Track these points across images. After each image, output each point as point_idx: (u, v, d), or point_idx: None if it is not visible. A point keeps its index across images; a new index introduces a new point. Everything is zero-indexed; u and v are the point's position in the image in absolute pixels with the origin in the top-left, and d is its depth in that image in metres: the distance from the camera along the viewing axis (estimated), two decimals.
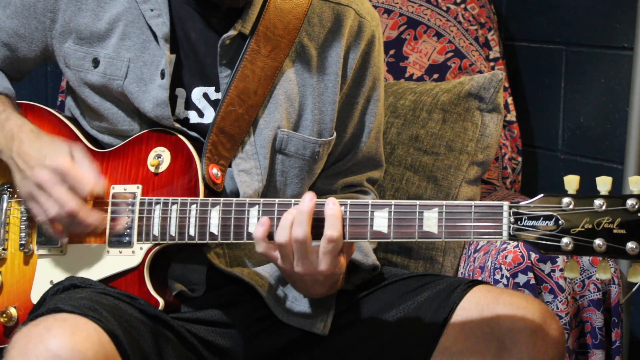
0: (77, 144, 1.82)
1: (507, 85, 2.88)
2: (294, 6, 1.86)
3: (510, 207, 1.57)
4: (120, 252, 1.77)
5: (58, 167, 1.72)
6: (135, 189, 1.78)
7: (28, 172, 1.75)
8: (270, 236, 1.66)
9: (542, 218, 1.55)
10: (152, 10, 1.83)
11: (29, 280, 1.82)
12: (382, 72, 1.98)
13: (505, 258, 2.13)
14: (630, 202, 1.51)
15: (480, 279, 2.13)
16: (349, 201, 1.65)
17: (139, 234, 1.76)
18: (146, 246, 1.76)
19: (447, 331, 1.77)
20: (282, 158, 1.86)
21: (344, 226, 1.64)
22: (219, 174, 1.79)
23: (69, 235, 1.78)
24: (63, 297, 1.67)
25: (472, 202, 1.59)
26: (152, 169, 1.79)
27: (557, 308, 2.12)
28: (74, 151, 1.76)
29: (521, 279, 2.11)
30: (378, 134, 1.98)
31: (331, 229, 1.61)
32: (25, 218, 1.84)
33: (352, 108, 1.93)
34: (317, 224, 1.64)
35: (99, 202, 1.79)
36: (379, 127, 1.98)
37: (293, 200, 1.68)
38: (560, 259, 2.12)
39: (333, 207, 1.62)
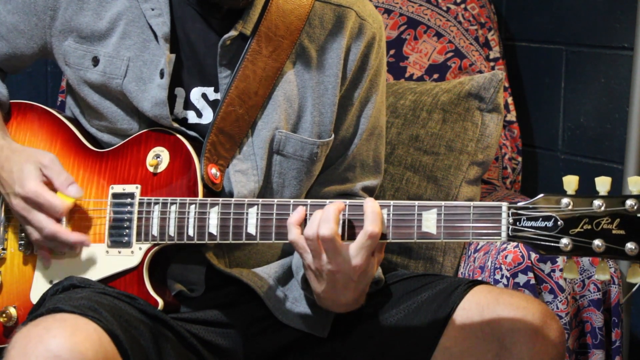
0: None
1: (507, 85, 2.88)
2: (296, 7, 1.86)
3: (509, 208, 1.57)
4: (120, 252, 1.77)
5: (28, 195, 1.74)
6: (134, 189, 1.78)
7: (7, 199, 1.79)
8: None
9: (541, 219, 1.55)
10: (152, 9, 1.83)
11: (29, 280, 1.82)
12: (383, 76, 1.96)
13: (505, 258, 2.13)
14: (629, 202, 1.50)
15: (480, 279, 2.13)
16: (348, 201, 1.65)
17: (138, 234, 1.76)
18: (145, 246, 1.76)
19: (447, 331, 1.77)
20: (279, 159, 1.86)
21: (342, 227, 1.64)
22: (218, 174, 1.79)
23: (60, 255, 1.80)
24: (63, 297, 1.67)
25: (471, 203, 1.59)
26: (151, 169, 1.79)
27: (557, 308, 2.12)
28: (43, 161, 1.77)
29: (521, 279, 2.11)
30: (371, 137, 1.96)
31: (372, 225, 1.60)
32: None
33: (346, 110, 1.92)
34: (351, 225, 1.65)
35: (97, 202, 1.79)
36: (372, 130, 1.95)
37: (292, 200, 1.68)
38: (560, 259, 2.12)
39: (373, 205, 1.62)
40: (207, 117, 1.84)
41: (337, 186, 1.95)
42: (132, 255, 1.76)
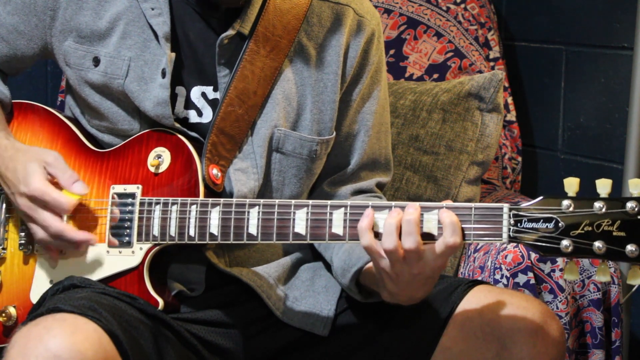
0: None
1: (507, 85, 2.88)
2: (293, 6, 1.86)
3: (510, 210, 1.57)
4: (120, 252, 1.77)
5: (32, 194, 1.73)
6: (135, 189, 1.78)
7: (12, 198, 1.78)
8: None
9: (542, 220, 1.55)
10: (152, 9, 1.83)
11: (29, 280, 1.82)
12: (383, 73, 1.96)
13: (505, 258, 2.13)
14: (630, 204, 1.50)
15: (480, 279, 2.13)
16: (348, 202, 1.65)
17: (139, 234, 1.76)
18: (146, 246, 1.76)
19: (447, 331, 1.77)
20: (279, 157, 1.86)
21: (344, 227, 1.64)
22: (219, 174, 1.79)
23: (64, 254, 1.79)
24: (63, 297, 1.66)
25: (472, 204, 1.58)
26: (152, 169, 1.79)
27: (557, 308, 2.12)
28: (48, 159, 1.76)
29: (521, 278, 2.12)
30: (379, 134, 1.96)
31: (453, 237, 1.57)
32: None
33: (348, 106, 1.92)
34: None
35: (98, 202, 1.79)
36: (379, 127, 1.96)
37: (293, 201, 1.67)
38: (560, 260, 2.12)
39: (450, 215, 1.58)
40: (208, 115, 1.84)
41: (352, 184, 1.95)
42: (133, 255, 1.76)
